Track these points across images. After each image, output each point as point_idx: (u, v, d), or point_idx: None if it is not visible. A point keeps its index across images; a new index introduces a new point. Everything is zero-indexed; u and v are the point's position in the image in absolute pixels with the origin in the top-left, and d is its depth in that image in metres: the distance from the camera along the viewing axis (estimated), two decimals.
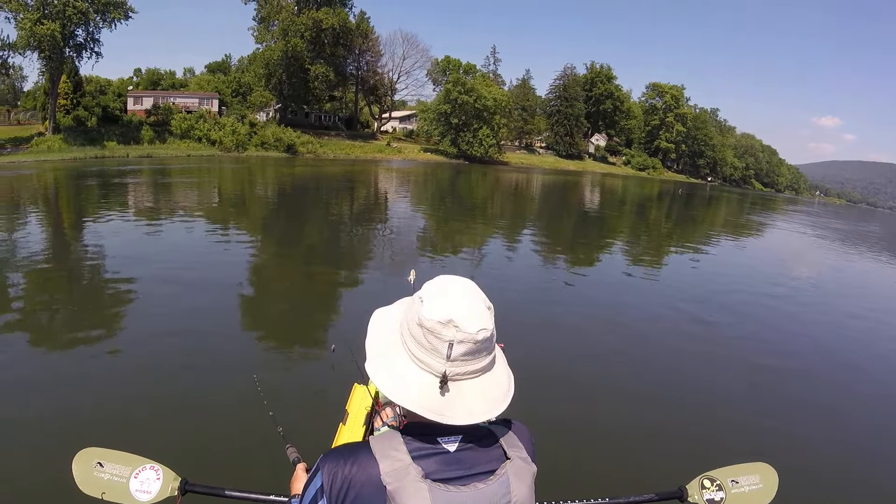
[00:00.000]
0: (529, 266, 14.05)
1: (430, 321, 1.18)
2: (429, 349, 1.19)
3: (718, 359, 8.03)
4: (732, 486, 2.21)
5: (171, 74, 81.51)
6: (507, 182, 49.85)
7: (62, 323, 7.78)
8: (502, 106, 70.62)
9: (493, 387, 1.24)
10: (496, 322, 1.24)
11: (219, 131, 54.62)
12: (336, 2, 63.08)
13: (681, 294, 11.98)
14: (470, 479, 1.19)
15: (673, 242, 21.32)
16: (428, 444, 1.20)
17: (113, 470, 2.03)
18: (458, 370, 1.19)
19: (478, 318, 1.20)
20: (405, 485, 1.14)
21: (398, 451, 1.18)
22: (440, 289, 1.25)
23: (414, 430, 1.23)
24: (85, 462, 2.02)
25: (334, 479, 1.18)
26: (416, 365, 1.21)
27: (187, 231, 15.35)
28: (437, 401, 1.18)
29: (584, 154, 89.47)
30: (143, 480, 2.04)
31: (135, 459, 2.09)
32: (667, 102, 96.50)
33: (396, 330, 1.29)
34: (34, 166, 37.87)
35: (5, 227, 15.04)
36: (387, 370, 1.24)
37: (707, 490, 2.20)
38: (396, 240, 16.43)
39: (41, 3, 44.61)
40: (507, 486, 1.21)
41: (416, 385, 1.20)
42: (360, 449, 1.22)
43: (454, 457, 1.20)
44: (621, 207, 36.81)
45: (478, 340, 1.19)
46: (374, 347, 1.30)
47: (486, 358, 1.23)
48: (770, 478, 2.25)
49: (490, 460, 1.23)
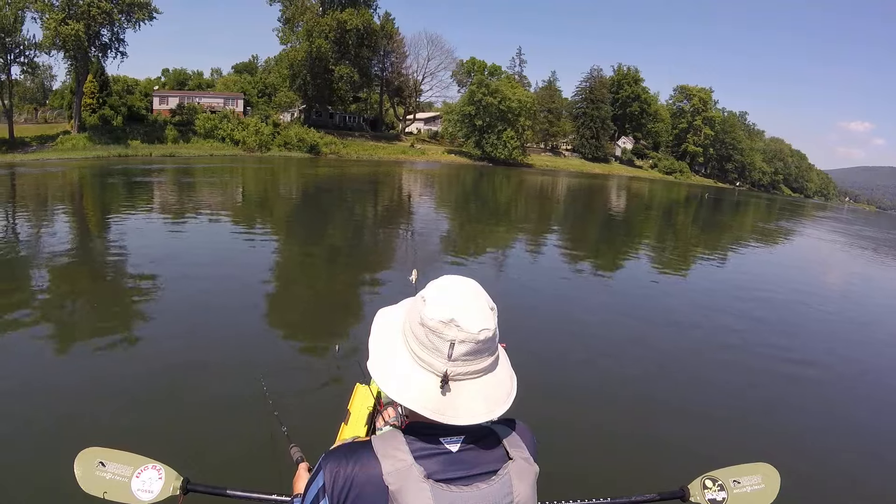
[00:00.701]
0: (551, 269, 13.67)
1: (431, 320, 1.18)
2: (430, 348, 1.19)
3: (722, 360, 7.91)
4: (734, 486, 2.19)
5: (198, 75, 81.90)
6: (532, 185, 48.71)
7: (74, 320, 7.78)
8: (527, 108, 69.02)
9: (495, 387, 1.23)
10: (500, 323, 1.24)
11: (242, 131, 54.28)
12: (360, 3, 62.29)
13: (698, 298, 11.76)
14: (472, 480, 1.19)
15: (698, 248, 20.59)
16: (430, 444, 1.19)
17: (115, 469, 2.02)
18: (460, 370, 1.18)
19: (480, 318, 1.19)
20: (407, 485, 1.14)
21: (400, 450, 1.18)
22: (443, 288, 1.24)
23: (416, 429, 1.22)
24: (87, 462, 2.02)
25: (336, 478, 1.17)
26: (417, 364, 1.21)
27: (207, 230, 15.42)
28: (438, 400, 1.18)
29: (611, 157, 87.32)
30: (145, 480, 2.03)
31: (137, 459, 2.07)
32: (695, 105, 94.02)
33: (399, 329, 1.28)
34: (58, 164, 37.93)
35: (28, 222, 15.54)
36: (388, 369, 1.24)
37: (709, 490, 2.19)
38: (418, 242, 16.17)
39: (66, 4, 44.71)
40: (509, 487, 1.21)
41: (417, 384, 1.19)
42: (362, 448, 1.21)
43: (456, 457, 1.20)
44: (647, 212, 35.69)
45: (479, 340, 1.18)
46: (377, 347, 1.29)
47: (489, 358, 1.23)
48: (772, 478, 2.23)
49: (492, 460, 1.23)
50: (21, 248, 12.03)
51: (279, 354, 6.81)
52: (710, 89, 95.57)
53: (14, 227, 14.74)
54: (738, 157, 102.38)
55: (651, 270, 14.71)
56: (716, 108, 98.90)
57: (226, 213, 18.92)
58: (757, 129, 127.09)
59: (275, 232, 16.37)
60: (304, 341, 7.47)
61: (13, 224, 15.31)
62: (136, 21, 48.71)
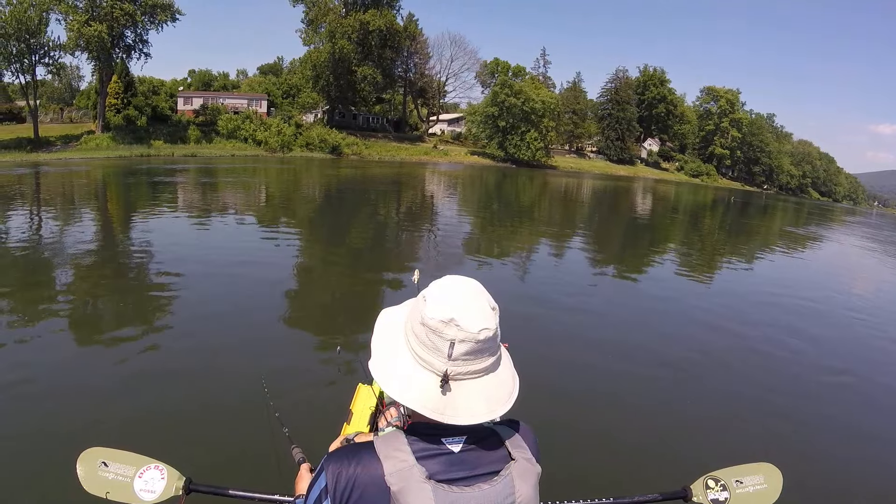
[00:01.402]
0: (571, 272, 13.33)
1: (432, 320, 1.17)
2: (431, 348, 1.18)
3: (727, 362, 7.73)
4: (737, 486, 2.19)
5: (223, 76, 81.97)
6: (555, 187, 47.40)
7: (83, 316, 7.67)
8: (551, 109, 67.33)
9: (496, 387, 1.22)
10: (514, 324, 1.32)
11: (264, 132, 53.82)
12: (383, 4, 61.36)
13: (715, 303, 11.41)
14: (474, 480, 1.18)
15: (723, 253, 19.64)
16: (432, 445, 1.19)
17: (117, 469, 2.01)
18: (460, 370, 1.17)
19: (480, 318, 1.18)
20: (409, 485, 1.13)
21: (402, 451, 1.17)
22: (444, 288, 1.23)
23: (418, 430, 1.21)
24: (89, 461, 2.00)
25: (338, 479, 1.17)
26: (418, 364, 1.20)
27: (225, 229, 15.32)
28: (438, 400, 1.17)
29: (636, 159, 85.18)
30: (148, 480, 2.01)
31: (139, 459, 2.06)
32: (721, 107, 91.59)
33: (401, 330, 1.27)
34: (80, 163, 37.90)
35: (48, 219, 15.70)
36: (389, 369, 1.23)
37: (711, 490, 2.18)
38: (439, 244, 15.61)
39: (90, 5, 44.94)
40: (511, 487, 1.20)
41: (417, 384, 1.18)
42: (364, 449, 1.20)
43: (458, 457, 1.19)
44: (673, 215, 34.31)
45: (479, 340, 1.17)
46: (379, 346, 1.29)
47: (489, 359, 1.21)
48: (774, 478, 2.21)
49: (494, 461, 1.22)
50: (41, 245, 12.11)
51: (283, 354, 6.62)
52: (737, 91, 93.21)
53: (37, 225, 14.81)
54: (766, 159, 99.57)
55: (672, 275, 14.19)
56: (743, 110, 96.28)
57: (246, 214, 18.74)
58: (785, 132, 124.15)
59: (294, 232, 16.13)
60: (310, 341, 7.31)
61: (37, 221, 15.40)
62: (158, 22, 48.94)
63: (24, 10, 42.31)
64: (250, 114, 55.54)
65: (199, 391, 5.53)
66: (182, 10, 49.76)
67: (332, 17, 58.60)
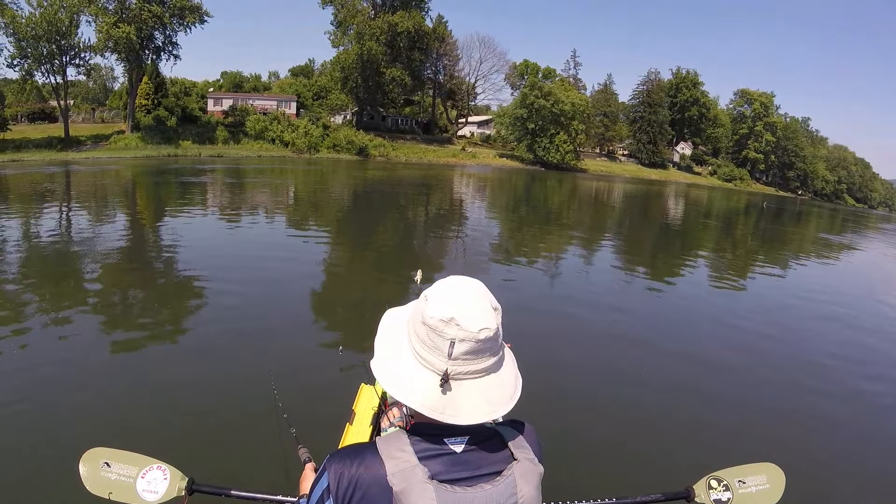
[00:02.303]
0: (597, 277, 12.94)
1: (432, 319, 1.16)
2: (431, 347, 1.17)
3: (730, 363, 7.59)
4: (739, 486, 2.17)
5: (255, 78, 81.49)
6: (585, 190, 45.74)
7: (98, 314, 7.52)
8: (580, 111, 64.95)
9: (496, 388, 1.21)
10: (531, 325, 1.54)
11: (292, 133, 52.81)
12: (412, 5, 59.82)
13: (731, 308, 10.98)
14: (476, 480, 1.17)
15: (754, 261, 18.45)
16: (434, 445, 1.17)
17: (120, 470, 2.00)
18: (460, 369, 1.16)
19: (481, 318, 1.17)
20: (411, 486, 1.12)
21: (404, 451, 1.16)
22: (445, 288, 1.23)
23: (420, 430, 1.20)
24: (92, 462, 1.99)
25: (340, 479, 1.16)
26: (419, 363, 1.19)
27: (247, 230, 15.25)
28: (438, 399, 1.16)
29: (668, 163, 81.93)
30: (151, 480, 2.00)
31: (142, 459, 2.04)
32: (756, 110, 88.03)
33: (404, 329, 1.27)
34: (108, 162, 37.90)
35: (69, 216, 15.99)
36: (391, 368, 1.23)
37: (714, 490, 2.16)
38: (466, 247, 15.30)
39: (119, 7, 44.99)
40: (513, 487, 1.19)
41: (418, 383, 1.18)
42: (367, 449, 1.20)
43: (460, 458, 1.18)
44: (705, 221, 32.77)
45: (479, 339, 1.16)
46: (381, 346, 1.28)
47: (491, 359, 1.20)
48: (777, 478, 2.20)
49: (496, 461, 1.21)
50: (65, 241, 12.28)
51: (296, 355, 6.50)
52: (771, 94, 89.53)
53: (60, 221, 15.01)
54: (801, 164, 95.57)
55: (697, 281, 13.71)
56: (777, 114, 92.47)
57: (271, 214, 18.57)
58: (820, 136, 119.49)
59: (319, 233, 15.80)
60: (322, 342, 7.06)
61: (61, 218, 15.59)
62: (186, 24, 48.79)
63: (55, 11, 42.36)
64: (278, 115, 54.62)
65: (208, 391, 5.45)
66: (210, 13, 49.68)
67: (360, 18, 57.41)
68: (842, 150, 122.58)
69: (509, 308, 5.32)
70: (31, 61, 42.98)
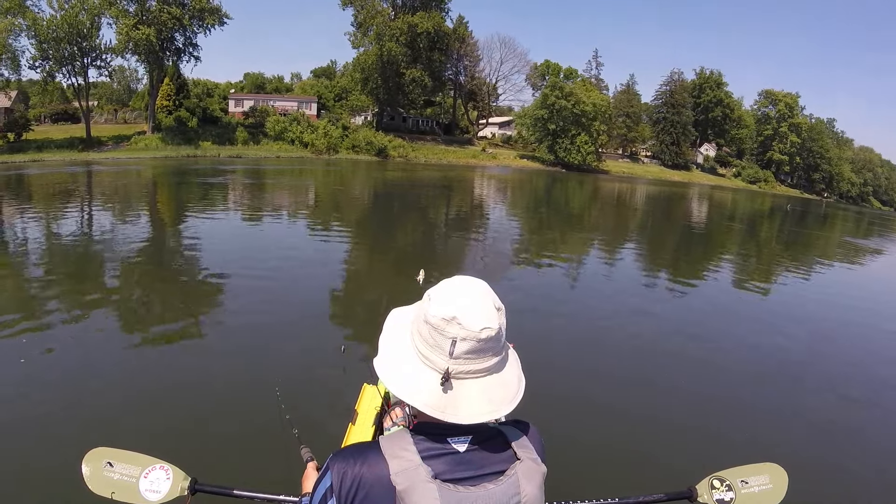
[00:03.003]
0: (614, 279, 12.59)
1: (434, 318, 1.15)
2: (433, 346, 1.16)
3: (734, 365, 7.44)
4: (742, 486, 2.15)
5: (278, 79, 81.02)
6: (606, 192, 44.27)
7: (109, 314, 7.48)
8: (602, 111, 62.96)
9: (498, 388, 1.19)
10: (545, 326, 1.68)
11: (311, 134, 51.88)
12: (432, 6, 58.46)
13: (746, 312, 10.73)
14: (479, 480, 1.15)
15: (774, 264, 17.82)
16: (437, 445, 1.16)
17: (122, 470, 1.97)
18: (462, 368, 1.15)
19: (482, 317, 1.15)
20: (414, 485, 1.10)
21: (408, 451, 1.14)
22: (448, 287, 1.21)
23: (424, 430, 1.18)
24: (94, 462, 1.96)
25: (344, 478, 1.14)
26: (421, 362, 1.18)
27: (264, 230, 15.28)
28: (438, 398, 1.14)
29: (692, 164, 79.42)
30: (153, 480, 1.97)
31: (145, 459, 2.02)
32: (780, 111, 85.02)
33: (408, 328, 1.25)
34: (127, 162, 37.89)
35: (82, 214, 16.28)
36: (393, 366, 1.21)
37: (717, 490, 2.14)
38: (486, 249, 14.96)
39: (139, 10, 44.91)
40: (516, 487, 1.17)
41: (419, 381, 1.16)
42: (370, 449, 1.18)
43: (464, 457, 1.16)
44: (729, 223, 31.52)
45: (481, 339, 1.14)
46: (385, 345, 1.27)
47: (492, 359, 1.18)
48: (780, 478, 2.18)
49: (500, 461, 1.19)
50: (78, 239, 12.41)
51: (297, 355, 6.39)
52: (796, 94, 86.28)
53: (74, 219, 15.14)
54: (826, 166, 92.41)
55: (716, 286, 13.11)
56: (802, 115, 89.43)
57: (289, 215, 18.43)
58: (845, 137, 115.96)
59: (337, 234, 15.56)
60: (324, 342, 6.84)
61: (75, 216, 15.77)
62: (206, 26, 48.46)
63: (76, 14, 42.27)
64: (298, 116, 53.73)
65: (211, 391, 5.39)
66: (229, 14, 49.20)
67: (380, 19, 56.18)
68: (868, 151, 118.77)
69: (524, 309, 7.58)
70: (52, 63, 42.87)
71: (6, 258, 10.49)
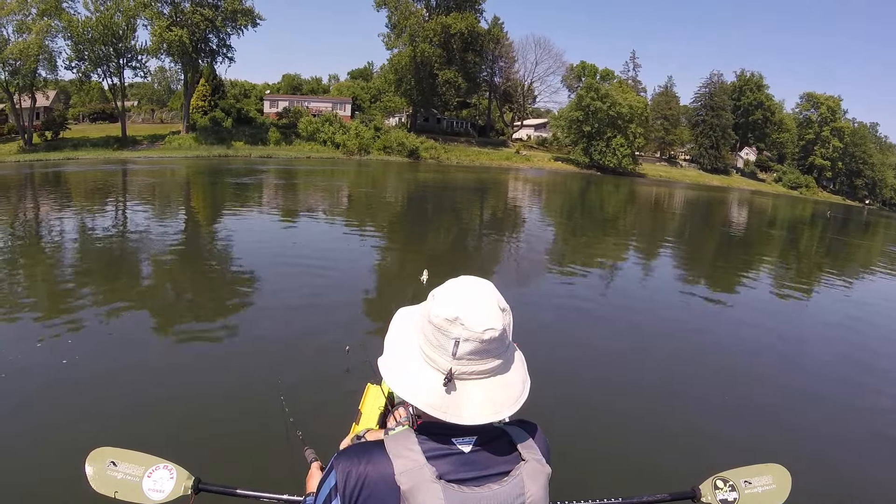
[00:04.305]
0: (647, 285, 11.85)
1: (437, 318, 1.12)
2: (436, 346, 1.13)
3: (736, 364, 7.24)
4: (745, 486, 2.12)
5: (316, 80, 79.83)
6: (642, 196, 41.39)
7: (120, 312, 7.22)
8: (639, 113, 59.50)
9: (502, 389, 1.15)
10: (562, 328, 1.86)
11: (343, 135, 50.04)
12: (466, 7, 55.99)
13: (766, 319, 9.75)
14: (484, 481, 1.12)
15: (810, 274, 16.26)
16: (442, 445, 1.13)
17: (126, 469, 1.94)
18: (465, 369, 1.12)
19: (486, 318, 1.11)
20: (419, 485, 1.08)
21: (412, 451, 1.11)
22: (453, 287, 1.18)
23: (428, 430, 1.15)
24: (98, 461, 1.93)
25: (348, 477, 1.11)
26: (425, 362, 1.15)
27: (293, 230, 15.08)
28: (442, 398, 1.12)
29: (731, 169, 75.03)
30: (157, 479, 1.94)
31: (148, 459, 1.98)
32: (822, 115, 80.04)
33: (413, 328, 1.22)
34: (159, 161, 37.51)
35: (107, 210, 16.54)
36: (397, 366, 1.18)
37: (720, 490, 2.11)
38: (519, 253, 14.62)
39: (173, 12, 44.37)
40: (521, 488, 1.14)
41: (422, 381, 1.13)
42: (375, 448, 1.15)
43: (468, 458, 1.13)
44: (769, 230, 29.14)
45: (484, 340, 1.11)
46: (390, 345, 1.24)
47: (496, 360, 1.14)
48: (783, 479, 2.14)
49: (504, 461, 1.16)
50: (103, 235, 12.46)
51: (301, 356, 6.14)
52: (838, 98, 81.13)
53: (105, 218, 15.14)
54: (869, 172, 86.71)
55: (748, 293, 12.18)
56: (845, 119, 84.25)
57: (317, 216, 18.10)
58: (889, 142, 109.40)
59: (368, 235, 15.05)
60: (328, 342, 6.42)
61: (101, 211, 16.06)
62: (239, 27, 47.58)
63: (111, 15, 41.69)
64: (330, 117, 51.97)
65: (215, 391, 5.23)
66: (262, 15, 48.11)
67: (413, 20, 53.99)
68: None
69: (545, 311, 8.70)
70: (87, 63, 42.36)
71: (35, 250, 10.84)
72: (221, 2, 45.35)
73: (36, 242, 11.68)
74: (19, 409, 4.64)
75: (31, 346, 5.88)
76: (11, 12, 38.11)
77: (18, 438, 4.21)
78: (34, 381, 5.13)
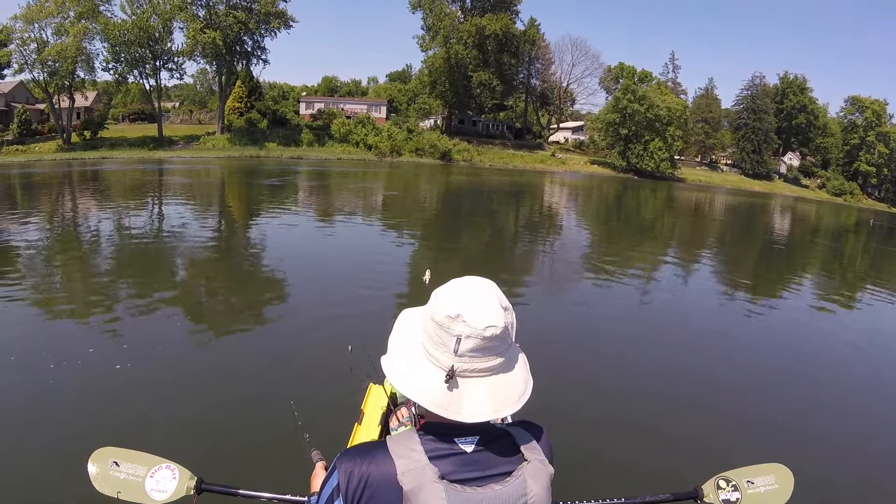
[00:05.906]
0: (683, 294, 11.28)
1: (440, 315, 1.09)
2: (438, 343, 1.10)
3: (737, 364, 7.14)
4: (748, 486, 2.07)
5: (355, 83, 78.41)
6: (681, 201, 38.49)
7: (134, 311, 7.24)
8: (678, 116, 55.46)
9: (503, 388, 1.12)
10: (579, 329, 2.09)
11: (375, 136, 47.94)
12: (501, 8, 53.10)
13: (786, 328, 9.40)
14: (486, 481, 1.10)
15: (856, 285, 15.19)
16: (444, 445, 1.10)
17: (129, 469, 1.88)
18: (466, 367, 1.09)
19: (488, 315, 1.09)
20: (421, 485, 1.05)
21: (415, 451, 1.09)
22: (455, 286, 1.15)
23: (430, 429, 1.13)
24: (101, 461, 1.88)
25: (350, 478, 1.09)
26: (427, 359, 1.13)
27: (324, 230, 15.03)
28: (443, 396, 1.09)
29: (774, 174, 69.93)
30: (159, 480, 1.89)
31: (151, 459, 1.93)
32: (867, 119, 74.22)
33: (416, 327, 1.19)
34: (192, 161, 36.97)
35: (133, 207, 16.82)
36: (399, 364, 1.16)
37: (723, 490, 2.06)
38: (554, 259, 14.23)
39: (208, 14, 43.53)
40: (523, 488, 1.11)
41: (424, 378, 1.11)
42: (377, 448, 1.12)
43: (471, 458, 1.10)
44: (812, 239, 27.54)
45: (485, 337, 1.08)
46: (394, 344, 1.22)
47: (498, 359, 1.11)
48: (786, 478, 2.08)
49: (507, 462, 1.13)
50: (124, 233, 12.73)
51: (305, 356, 6.10)
52: (884, 101, 74.84)
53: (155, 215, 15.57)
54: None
55: (782, 303, 11.34)
56: (891, 123, 78.09)
57: (348, 217, 18.01)
58: None
59: (400, 237, 14.97)
60: (332, 343, 6.19)
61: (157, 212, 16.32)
62: (271, 29, 46.41)
63: (147, 18, 40.84)
64: (363, 118, 49.92)
65: (219, 391, 5.11)
66: (295, 18, 46.84)
67: (447, 22, 51.25)
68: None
69: (571, 314, 8.75)
70: (123, 65, 41.64)
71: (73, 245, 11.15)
72: (255, 4, 43.98)
73: (69, 238, 12.12)
74: (19, 409, 4.54)
75: (33, 344, 5.80)
76: (50, 15, 37.48)
77: (21, 438, 4.09)
78: (35, 382, 5.01)
